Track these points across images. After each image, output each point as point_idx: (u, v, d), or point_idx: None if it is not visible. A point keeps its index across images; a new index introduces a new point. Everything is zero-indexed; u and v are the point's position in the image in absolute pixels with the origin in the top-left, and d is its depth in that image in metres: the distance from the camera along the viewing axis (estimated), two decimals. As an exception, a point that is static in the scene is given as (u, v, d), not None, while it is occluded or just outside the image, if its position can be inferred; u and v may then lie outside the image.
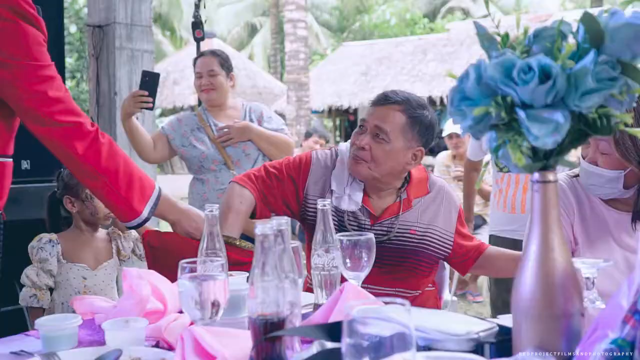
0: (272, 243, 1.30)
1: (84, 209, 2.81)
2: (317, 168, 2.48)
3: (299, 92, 13.10)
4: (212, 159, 3.65)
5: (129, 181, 2.02)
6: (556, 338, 1.09)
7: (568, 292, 1.10)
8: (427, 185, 2.49)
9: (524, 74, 1.02)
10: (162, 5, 25.34)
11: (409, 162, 2.38)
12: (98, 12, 5.02)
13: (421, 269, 2.43)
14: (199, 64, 3.79)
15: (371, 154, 2.33)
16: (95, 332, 1.72)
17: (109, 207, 2.14)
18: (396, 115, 2.34)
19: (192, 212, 2.20)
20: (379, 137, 2.33)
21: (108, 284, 2.82)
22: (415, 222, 2.40)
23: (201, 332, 1.37)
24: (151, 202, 2.07)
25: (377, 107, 2.38)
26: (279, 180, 2.47)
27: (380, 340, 0.99)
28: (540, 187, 1.11)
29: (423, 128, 2.36)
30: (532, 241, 1.12)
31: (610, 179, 1.84)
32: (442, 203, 2.47)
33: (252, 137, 3.65)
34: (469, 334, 1.22)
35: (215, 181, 3.65)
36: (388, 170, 2.36)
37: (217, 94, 3.74)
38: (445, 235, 2.44)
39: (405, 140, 2.34)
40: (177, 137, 3.72)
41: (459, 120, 1.11)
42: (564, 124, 1.02)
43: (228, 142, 3.64)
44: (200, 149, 3.67)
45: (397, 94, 2.39)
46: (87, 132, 1.97)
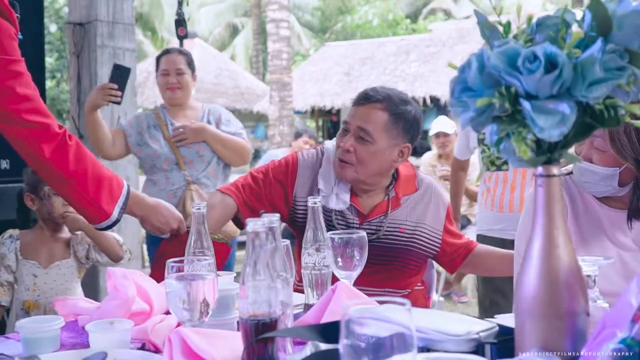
0: (264, 241, 1.26)
1: (42, 206, 2.82)
2: (304, 169, 2.43)
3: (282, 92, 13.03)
4: (164, 158, 3.61)
5: (97, 183, 1.97)
6: (561, 338, 1.05)
7: (573, 290, 1.06)
8: (416, 183, 2.45)
9: (529, 63, 0.98)
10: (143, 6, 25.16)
11: (396, 160, 2.34)
12: (79, 9, 4.94)
13: (410, 268, 2.39)
14: (165, 61, 3.74)
15: (356, 156, 2.29)
16: (78, 335, 1.67)
17: (78, 210, 2.08)
18: (378, 114, 2.29)
19: (161, 207, 2.15)
20: (363, 138, 2.29)
21: (61, 284, 2.79)
22: (404, 220, 2.37)
23: (189, 334, 1.32)
24: (120, 202, 2.02)
25: (358, 107, 2.34)
26: (266, 185, 2.42)
27: (380, 341, 0.95)
28: (544, 182, 1.07)
29: (407, 124, 2.32)
30: (536, 237, 1.08)
31: (605, 177, 1.80)
32: (430, 201, 2.44)
33: (207, 138, 3.62)
34: (469, 334, 1.18)
35: (166, 182, 3.62)
36: (375, 170, 2.32)
37: (182, 92, 3.70)
38: (434, 233, 2.41)
39: (390, 138, 2.30)
40: (133, 134, 3.67)
41: (459, 111, 1.06)
42: (570, 116, 0.98)
43: (182, 142, 3.60)
44: (153, 147, 3.63)
45: (378, 91, 2.33)
46: (54, 134, 1.92)
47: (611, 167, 1.79)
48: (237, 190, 2.40)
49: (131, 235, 4.89)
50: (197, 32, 19.63)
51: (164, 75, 3.70)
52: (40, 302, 2.73)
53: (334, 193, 2.34)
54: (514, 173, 3.58)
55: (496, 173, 3.65)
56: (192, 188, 3.55)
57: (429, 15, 25.92)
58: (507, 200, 3.59)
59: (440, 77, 15.02)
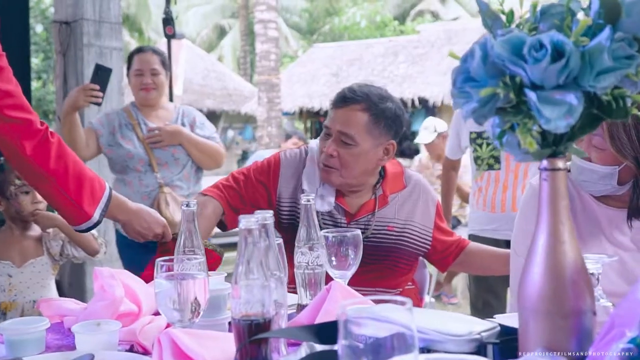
0: (257, 238, 1.21)
1: (9, 206, 2.78)
2: (287, 169, 2.39)
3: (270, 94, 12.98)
4: (138, 159, 3.54)
5: (78, 183, 1.92)
6: (566, 337, 1.01)
7: (579, 287, 1.02)
8: (403, 180, 2.42)
9: (535, 52, 0.94)
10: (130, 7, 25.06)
11: (382, 158, 2.31)
12: (65, 8, 4.88)
13: (400, 267, 2.35)
14: (138, 60, 3.64)
15: (340, 160, 2.25)
16: (64, 336, 1.62)
17: (58, 210, 2.02)
18: (358, 115, 2.24)
19: (143, 212, 2.11)
20: (345, 142, 2.24)
21: (37, 282, 2.76)
22: (393, 218, 2.33)
23: (180, 335, 1.27)
24: (102, 204, 1.97)
25: (337, 110, 2.29)
26: (247, 187, 2.38)
27: (379, 341, 0.92)
28: (549, 176, 1.03)
29: (389, 121, 2.28)
30: (540, 233, 1.04)
31: (604, 175, 1.77)
32: (419, 198, 2.40)
33: (183, 141, 3.56)
34: (471, 334, 1.14)
35: (139, 183, 3.54)
36: (361, 172, 2.29)
37: (157, 93, 3.63)
38: (424, 231, 2.38)
39: (373, 138, 2.26)
40: (105, 134, 3.57)
41: (462, 103, 1.02)
42: (577, 106, 0.95)
43: (157, 144, 3.53)
44: (126, 148, 3.54)
45: (356, 91, 2.28)
46: (36, 131, 1.87)
47: (610, 166, 1.76)
48: (220, 192, 2.36)
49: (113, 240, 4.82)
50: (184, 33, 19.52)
51: (137, 76, 3.61)
52: (18, 302, 2.68)
53: (319, 195, 2.30)
54: (506, 172, 3.56)
55: (488, 172, 3.62)
56: (165, 191, 3.50)
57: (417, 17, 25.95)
58: (500, 200, 3.57)
59: (428, 78, 15.03)
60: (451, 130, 3.87)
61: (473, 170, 3.75)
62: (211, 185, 2.43)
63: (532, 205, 1.93)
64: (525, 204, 1.95)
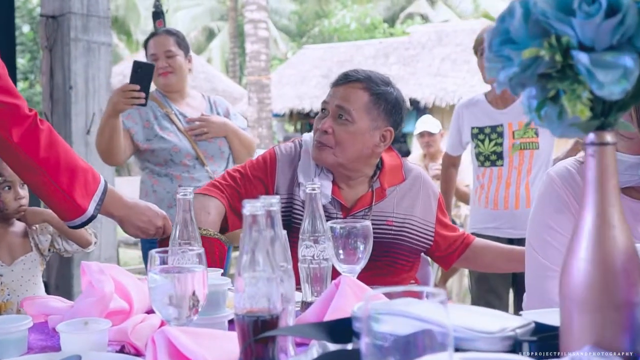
0: (263, 226, 1.09)
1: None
2: (283, 163, 2.29)
3: (260, 94, 12.84)
4: (185, 153, 3.23)
5: (71, 174, 1.79)
6: (618, 332, 0.90)
7: (632, 276, 0.90)
8: (402, 173, 2.31)
9: (587, 6, 0.82)
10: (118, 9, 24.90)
11: (378, 144, 2.20)
12: (52, 1, 4.75)
13: (401, 264, 2.24)
14: (152, 45, 3.37)
15: (335, 137, 2.16)
16: (48, 337, 1.49)
17: (49, 204, 1.87)
18: (358, 93, 2.17)
19: (141, 206, 1.97)
20: (342, 118, 2.16)
21: (29, 280, 2.63)
22: (392, 212, 2.22)
23: (176, 333, 1.15)
24: (97, 197, 1.83)
25: (337, 88, 2.22)
26: (245, 184, 2.28)
27: (407, 338, 0.80)
28: (597, 151, 0.92)
29: (389, 106, 2.19)
30: (587, 216, 0.92)
31: (630, 165, 1.65)
32: (419, 191, 2.29)
33: (229, 133, 3.32)
34: (504, 332, 1.02)
35: (190, 178, 3.22)
36: (355, 154, 2.18)
37: (176, 77, 3.33)
38: (425, 226, 2.27)
39: (371, 119, 2.17)
40: (139, 131, 3.25)
41: (499, 68, 0.91)
42: (634, 70, 0.83)
43: (202, 136, 3.26)
44: (170, 141, 3.22)
45: (358, 71, 2.22)
46: (24, 117, 1.74)
47: (638, 155, 1.65)
48: (221, 192, 2.25)
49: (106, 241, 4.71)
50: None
51: (153, 61, 3.29)
52: (12, 301, 2.56)
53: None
54: (509, 169, 3.46)
55: (490, 169, 3.52)
56: None
57: (407, 20, 25.89)
58: (502, 197, 3.46)
59: (419, 79, 14.97)
60: (451, 126, 3.76)
61: (474, 167, 3.65)
62: (208, 184, 2.31)
63: (549, 197, 1.82)
64: (542, 195, 1.84)
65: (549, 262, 1.76)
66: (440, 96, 14.21)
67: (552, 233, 1.78)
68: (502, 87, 0.93)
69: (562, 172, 1.82)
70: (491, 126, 3.48)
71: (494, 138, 3.47)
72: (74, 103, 4.60)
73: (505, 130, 3.44)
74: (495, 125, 3.47)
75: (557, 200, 1.79)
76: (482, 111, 3.54)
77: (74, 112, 4.60)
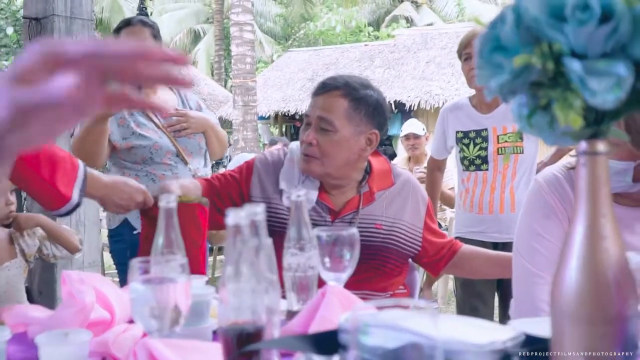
0: (247, 236, 1.07)
1: None
2: (263, 172, 2.29)
3: (246, 97, 12.78)
4: (165, 151, 3.07)
5: (51, 163, 1.77)
6: (610, 346, 0.87)
7: (624, 289, 0.88)
8: (392, 177, 2.31)
9: (580, 12, 0.80)
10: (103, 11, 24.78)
11: (364, 148, 2.21)
12: (35, 3, 4.69)
13: (389, 267, 2.23)
14: (126, 36, 3.13)
15: (320, 148, 2.16)
16: (27, 348, 1.46)
17: (33, 195, 1.87)
18: (338, 101, 2.16)
19: (119, 182, 1.97)
20: (325, 129, 2.16)
21: (13, 286, 2.63)
22: (381, 216, 2.22)
23: (158, 346, 1.12)
24: (79, 183, 1.83)
25: (317, 97, 2.22)
26: (222, 182, 2.32)
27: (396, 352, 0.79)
28: (589, 160, 0.90)
29: (370, 108, 2.19)
30: (578, 227, 0.90)
31: (618, 171, 1.65)
32: (408, 196, 2.29)
33: (208, 129, 3.20)
34: (494, 345, 1.00)
35: (173, 177, 3.03)
36: (343, 161, 2.18)
37: None
38: (414, 231, 2.27)
39: (354, 125, 2.17)
40: (115, 130, 3.06)
41: (489, 75, 0.88)
42: (627, 78, 0.81)
43: (182, 132, 3.12)
44: (150, 138, 3.06)
45: (336, 79, 2.22)
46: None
47: (625, 161, 1.64)
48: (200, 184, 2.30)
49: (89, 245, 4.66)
50: (158, 37, 19.35)
51: None
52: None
53: None
54: (493, 173, 3.45)
55: (475, 173, 3.51)
56: None
57: (392, 23, 25.93)
58: (487, 202, 3.45)
59: (404, 82, 14.99)
60: (436, 130, 3.75)
61: (459, 171, 3.63)
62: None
63: (536, 203, 1.81)
64: (530, 201, 1.83)
65: (536, 268, 1.75)
66: (425, 99, 14.23)
67: (539, 239, 1.77)
68: (493, 95, 0.91)
69: (549, 178, 1.81)
70: (476, 130, 3.47)
71: (478, 142, 3.46)
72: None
73: (489, 134, 3.43)
74: (480, 130, 3.46)
75: (545, 206, 1.79)
76: (467, 115, 3.53)
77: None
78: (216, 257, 6.57)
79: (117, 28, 3.21)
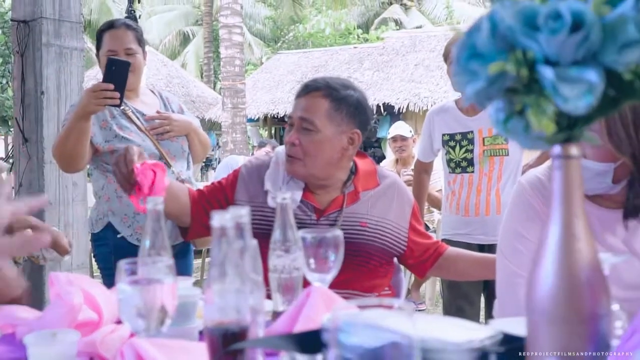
0: (232, 238, 1.09)
1: None
2: (247, 175, 2.35)
3: (235, 99, 12.80)
4: (149, 154, 2.89)
5: None
6: (583, 344, 0.90)
7: (596, 289, 0.91)
8: (377, 178, 2.36)
9: (552, 22, 0.83)
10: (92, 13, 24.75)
11: (346, 148, 2.25)
12: (23, 6, 4.70)
13: (374, 265, 2.27)
14: (110, 39, 3.04)
15: (302, 148, 2.21)
16: (16, 348, 1.47)
17: None
18: (319, 102, 2.22)
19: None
20: (306, 129, 2.21)
21: None
22: (366, 215, 2.27)
23: (146, 345, 1.14)
24: None
25: (299, 99, 2.27)
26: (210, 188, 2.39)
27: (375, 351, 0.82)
28: (563, 164, 0.93)
29: (351, 108, 2.24)
30: (552, 229, 0.93)
31: (598, 173, 1.67)
32: (394, 197, 2.33)
33: (190, 132, 3.15)
34: (472, 343, 1.03)
35: None
36: (325, 160, 2.23)
37: (135, 77, 3.01)
38: (399, 231, 2.31)
39: (335, 125, 2.22)
40: (97, 132, 2.97)
41: (465, 82, 0.91)
42: (598, 84, 0.84)
43: (165, 135, 3.05)
44: (133, 141, 2.94)
45: (317, 80, 2.28)
46: None
47: (605, 163, 1.66)
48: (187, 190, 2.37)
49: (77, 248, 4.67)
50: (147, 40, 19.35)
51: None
52: None
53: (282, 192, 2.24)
54: (479, 176, 3.49)
55: (461, 175, 3.54)
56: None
57: (381, 25, 26.01)
58: (473, 204, 3.49)
59: (393, 84, 15.04)
60: (423, 132, 3.79)
61: (446, 173, 3.67)
62: None
63: (520, 205, 1.84)
64: (513, 203, 1.86)
65: (519, 269, 1.77)
66: (413, 102, 14.29)
67: (523, 240, 1.80)
68: (470, 101, 0.94)
69: (533, 180, 1.84)
70: (461, 133, 3.51)
71: (464, 145, 3.50)
72: (45, 108, 4.55)
73: (475, 136, 3.47)
74: (466, 132, 3.50)
75: (528, 208, 1.82)
76: (453, 118, 3.57)
77: (45, 117, 4.55)
78: (205, 260, 6.59)
79: (100, 30, 3.14)
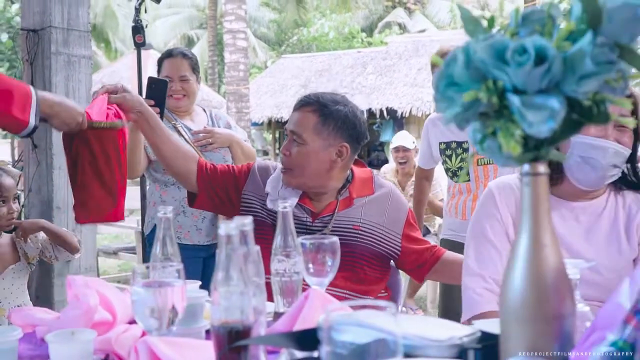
0: (236, 245, 1.20)
1: None
2: (258, 173, 2.50)
3: (239, 104, 12.92)
4: None
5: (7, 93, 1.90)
6: (549, 342, 1.01)
7: (561, 292, 1.02)
8: (372, 186, 2.48)
9: (518, 56, 0.95)
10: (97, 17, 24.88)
11: (335, 160, 2.37)
12: (32, 15, 4.80)
13: (368, 265, 2.37)
14: (167, 66, 3.44)
15: (292, 159, 2.36)
16: (36, 346, 1.59)
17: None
18: (308, 116, 2.36)
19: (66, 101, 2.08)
20: (296, 141, 2.35)
21: (18, 288, 2.77)
22: (359, 219, 2.38)
23: (158, 343, 1.26)
24: (33, 109, 1.94)
25: (294, 113, 2.43)
26: (222, 170, 2.52)
27: (363, 347, 0.91)
28: (531, 180, 1.04)
29: (339, 123, 2.36)
30: (522, 238, 1.04)
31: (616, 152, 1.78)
32: (389, 205, 2.45)
33: (233, 144, 3.42)
34: (452, 340, 1.14)
35: None
36: (313, 171, 2.36)
37: (188, 101, 3.43)
38: (392, 236, 2.42)
39: (322, 139, 2.35)
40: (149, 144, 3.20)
41: (444, 107, 1.03)
42: (560, 111, 0.95)
43: (208, 147, 3.34)
44: None
45: (310, 96, 2.42)
46: None
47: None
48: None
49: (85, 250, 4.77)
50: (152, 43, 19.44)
51: None
52: (4, 308, 2.67)
53: (280, 196, 2.39)
54: (476, 184, 3.59)
55: (459, 183, 3.65)
56: None
57: (384, 29, 26.10)
58: (470, 208, 3.59)
59: (396, 89, 15.12)
60: (422, 140, 3.89)
61: (448, 180, 3.78)
62: None
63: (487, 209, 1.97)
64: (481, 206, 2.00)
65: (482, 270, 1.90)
66: (416, 106, 14.38)
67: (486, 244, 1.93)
68: (449, 123, 1.05)
69: (501, 186, 1.97)
70: (457, 142, 3.60)
71: (460, 153, 3.59)
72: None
73: (470, 145, 3.56)
74: (461, 141, 3.59)
75: (495, 211, 1.94)
76: (448, 127, 3.65)
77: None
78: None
79: (160, 59, 3.56)
